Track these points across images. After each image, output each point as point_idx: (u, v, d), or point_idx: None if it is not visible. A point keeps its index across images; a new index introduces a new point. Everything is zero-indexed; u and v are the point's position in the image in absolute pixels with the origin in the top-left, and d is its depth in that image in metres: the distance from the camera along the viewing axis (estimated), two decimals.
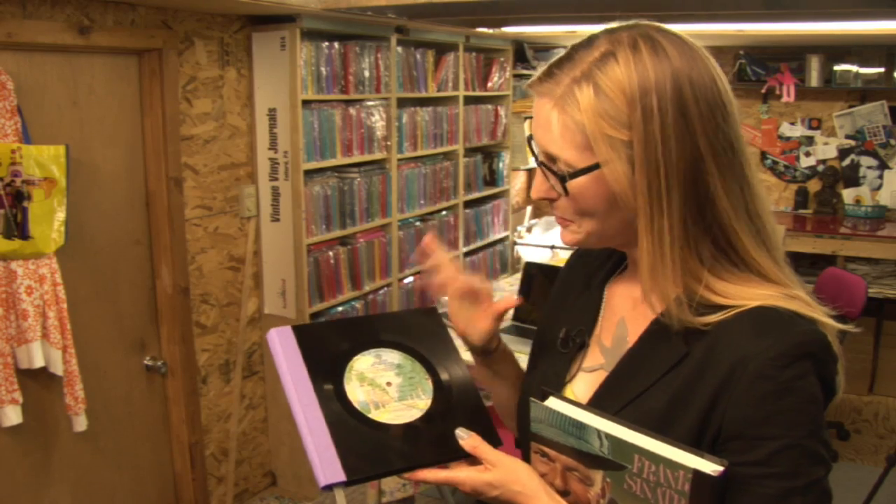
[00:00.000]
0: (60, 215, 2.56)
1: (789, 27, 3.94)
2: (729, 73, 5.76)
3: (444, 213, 4.72)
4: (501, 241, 5.51)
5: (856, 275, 4.67)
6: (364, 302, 4.02)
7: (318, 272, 3.69)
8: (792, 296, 1.04)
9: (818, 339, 1.00)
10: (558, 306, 1.34)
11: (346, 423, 1.12)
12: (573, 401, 1.07)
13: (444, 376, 1.22)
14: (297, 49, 3.36)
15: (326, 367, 1.18)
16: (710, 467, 0.90)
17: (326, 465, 1.07)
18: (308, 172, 3.56)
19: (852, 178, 5.59)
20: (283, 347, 1.18)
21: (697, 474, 0.90)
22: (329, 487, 1.06)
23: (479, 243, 5.20)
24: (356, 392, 1.16)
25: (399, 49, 4.06)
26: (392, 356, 1.22)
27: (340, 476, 1.06)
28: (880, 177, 5.52)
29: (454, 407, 1.19)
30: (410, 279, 4.40)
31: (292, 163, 3.47)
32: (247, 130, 3.49)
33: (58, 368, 2.59)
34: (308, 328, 1.24)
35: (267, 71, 3.43)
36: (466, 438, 1.11)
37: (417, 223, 4.47)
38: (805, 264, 5.31)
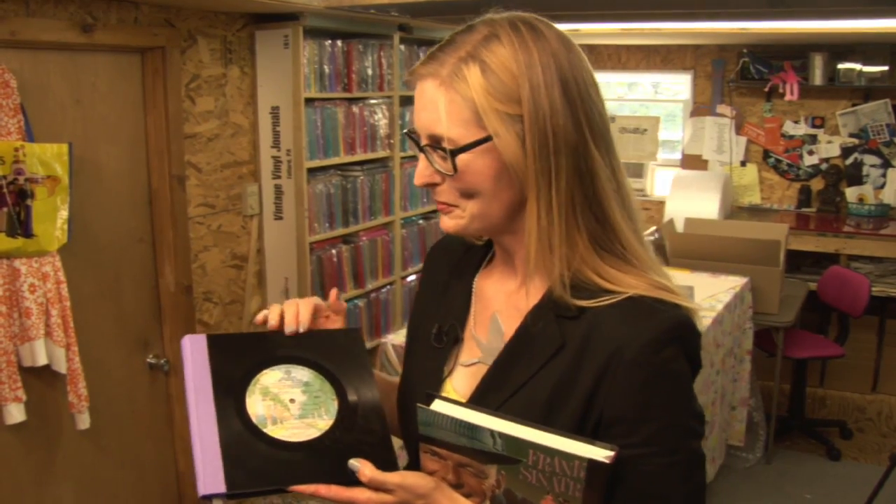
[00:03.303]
0: (63, 213, 2.56)
1: (793, 25, 3.93)
2: (732, 71, 5.76)
3: None
4: None
5: (859, 273, 4.67)
6: (367, 300, 4.02)
7: (320, 270, 3.69)
8: (658, 285, 1.09)
9: (683, 321, 1.07)
10: (426, 300, 1.35)
11: (239, 435, 1.08)
12: (459, 401, 1.10)
13: (351, 398, 1.17)
14: (300, 47, 3.36)
15: (231, 379, 1.14)
16: (603, 454, 0.96)
17: (209, 475, 1.03)
18: (311, 170, 3.57)
19: (855, 177, 5.58)
20: (193, 355, 1.15)
21: (592, 463, 0.95)
22: (208, 497, 1.03)
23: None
24: (256, 406, 1.12)
25: (402, 47, 4.06)
26: (302, 373, 1.18)
27: (220, 487, 1.03)
28: (883, 175, 5.51)
29: (355, 431, 1.13)
30: (413, 277, 4.40)
31: (295, 161, 3.47)
32: (250, 128, 3.49)
33: (61, 366, 2.59)
34: (222, 338, 1.20)
35: (270, 69, 3.43)
36: (360, 468, 1.04)
37: (420, 221, 4.47)
38: (808, 263, 5.31)
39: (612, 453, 0.97)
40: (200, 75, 3.19)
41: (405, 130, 1.32)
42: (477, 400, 1.13)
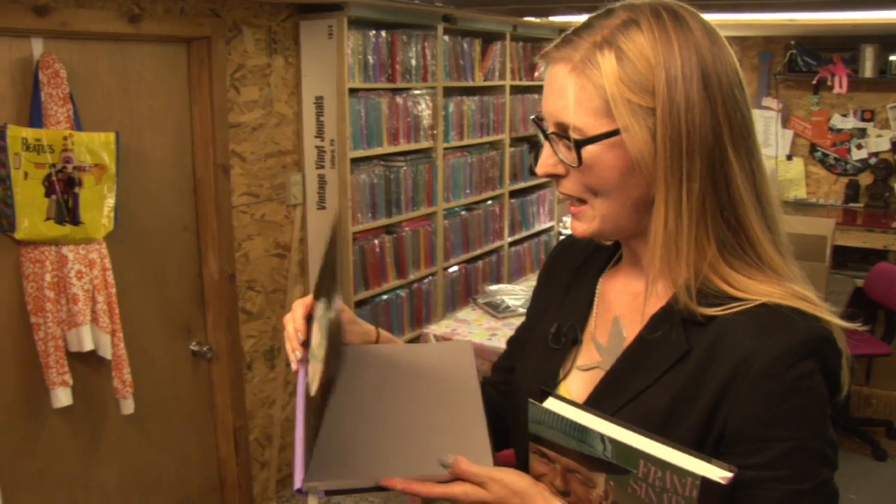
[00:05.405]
0: (110, 201, 2.60)
1: (843, 16, 3.86)
2: (779, 63, 5.67)
3: (489, 202, 4.71)
4: (546, 231, 5.49)
5: None
6: (409, 290, 4.03)
7: (363, 260, 3.70)
8: (797, 294, 1.01)
9: (823, 335, 0.97)
10: (546, 299, 1.30)
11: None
12: (572, 401, 1.02)
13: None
14: (345, 37, 3.37)
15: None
16: (719, 474, 0.87)
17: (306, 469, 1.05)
18: (354, 161, 3.58)
19: None
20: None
21: (706, 482, 0.87)
22: (302, 492, 1.03)
23: (525, 233, 5.18)
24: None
25: (446, 38, 4.06)
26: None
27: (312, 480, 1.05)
28: None
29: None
30: (455, 268, 4.40)
31: (339, 151, 3.48)
32: (294, 118, 3.51)
33: (106, 352, 2.63)
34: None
35: (314, 59, 3.45)
36: (453, 461, 1.02)
37: (463, 212, 4.47)
38: (855, 259, 5.22)
39: (729, 474, 0.87)
40: (245, 65, 3.21)
41: (532, 116, 1.25)
42: (591, 405, 1.05)
